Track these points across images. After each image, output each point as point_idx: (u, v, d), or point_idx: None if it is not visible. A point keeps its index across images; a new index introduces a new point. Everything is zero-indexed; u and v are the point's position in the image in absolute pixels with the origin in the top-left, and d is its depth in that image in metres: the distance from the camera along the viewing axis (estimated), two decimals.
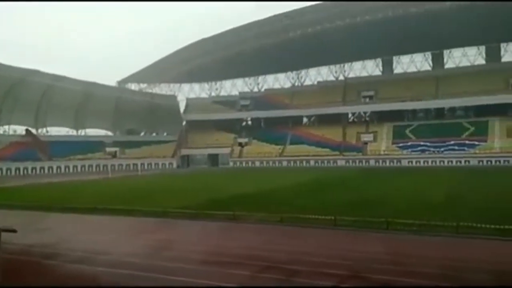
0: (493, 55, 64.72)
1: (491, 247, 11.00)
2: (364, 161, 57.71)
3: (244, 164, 64.91)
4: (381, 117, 64.93)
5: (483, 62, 65.40)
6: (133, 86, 77.91)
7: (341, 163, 58.40)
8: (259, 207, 17.82)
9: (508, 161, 49.22)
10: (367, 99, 68.26)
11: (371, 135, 62.94)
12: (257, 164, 63.53)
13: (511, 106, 56.27)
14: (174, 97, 79.93)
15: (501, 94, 55.95)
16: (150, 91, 79.09)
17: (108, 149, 66.71)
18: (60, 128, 69.20)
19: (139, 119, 75.21)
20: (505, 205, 17.08)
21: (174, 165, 66.57)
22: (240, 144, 69.62)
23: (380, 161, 56.80)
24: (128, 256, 10.83)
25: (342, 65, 74.57)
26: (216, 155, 70.69)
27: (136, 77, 74.08)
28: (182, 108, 79.43)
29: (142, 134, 79.46)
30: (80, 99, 66.00)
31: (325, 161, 59.46)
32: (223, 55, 63.85)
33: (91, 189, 31.38)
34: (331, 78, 75.97)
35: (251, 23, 57.79)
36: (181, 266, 9.76)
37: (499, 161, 49.77)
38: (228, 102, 77.39)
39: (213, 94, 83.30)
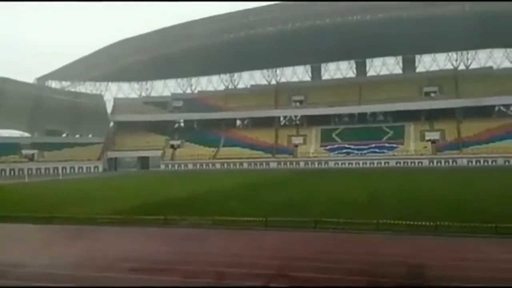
0: (409, 65, 71.06)
1: (407, 242, 12.03)
2: (294, 163, 59.79)
3: (176, 167, 63.62)
4: (310, 120, 67.83)
5: (400, 71, 71.48)
6: (54, 84, 72.33)
7: (273, 165, 59.85)
8: (192, 210, 17.60)
9: (421, 163, 54.39)
10: (298, 104, 70.89)
11: (301, 138, 65.47)
12: (190, 167, 62.66)
13: (424, 112, 62.14)
14: (100, 97, 75.84)
15: (415, 101, 61.69)
16: (73, 89, 74.07)
17: (24, 152, 61.22)
18: None
19: (61, 120, 70.10)
20: (417, 203, 18.80)
21: (100, 169, 63.06)
22: (172, 147, 68.10)
23: (309, 163, 59.27)
24: (49, 267, 10.03)
25: (274, 70, 76.62)
26: (147, 158, 68.39)
27: (57, 75, 68.83)
28: (109, 109, 75.67)
29: (64, 135, 74.10)
30: None
31: (258, 164, 60.54)
32: (154, 54, 62.10)
33: (2, 195, 28.49)
34: (264, 82, 77.69)
35: (182, 23, 57.14)
36: (108, 275, 9.29)
37: (414, 163, 54.79)
38: (160, 103, 75.35)
39: (143, 94, 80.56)
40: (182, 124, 77.99)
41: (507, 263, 9.74)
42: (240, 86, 79.01)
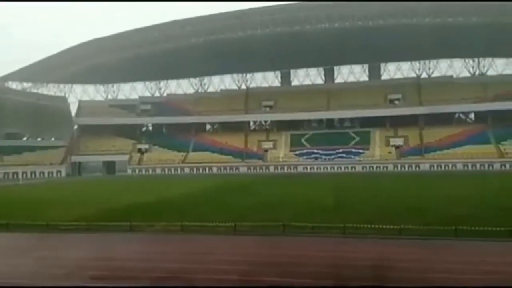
0: (374, 73, 73.24)
1: (372, 245, 12.32)
2: (264, 168, 59.99)
3: (144, 172, 62.24)
4: (280, 126, 68.42)
5: (367, 79, 73.57)
6: (15, 85, 69.10)
7: (243, 170, 59.78)
8: (159, 216, 17.28)
9: (386, 167, 56.07)
10: (268, 109, 71.34)
11: (271, 143, 65.85)
12: (158, 171, 61.49)
13: (388, 119, 64.15)
14: (64, 99, 73.22)
15: (380, 108, 63.63)
16: (36, 91, 71.07)
17: None
18: None
19: (21, 122, 66.78)
20: (382, 207, 19.32)
21: (63, 173, 60.68)
22: (139, 151, 66.60)
23: (279, 167, 59.66)
24: (4, 278, 9.51)
25: (244, 74, 76.79)
26: (113, 162, 66.47)
27: (18, 75, 65.76)
28: (74, 111, 73.16)
29: (25, 138, 70.82)
30: None
31: (228, 168, 60.27)
32: (121, 56, 60.60)
33: None
34: (234, 86, 77.69)
35: (151, 26, 56.33)
36: (67, 285, 8.92)
37: (379, 167, 56.36)
38: (127, 106, 73.60)
39: (109, 97, 78.36)
40: (150, 128, 76.46)
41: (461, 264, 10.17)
42: (210, 90, 78.59)
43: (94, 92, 77.90)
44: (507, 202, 19.38)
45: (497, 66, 67.70)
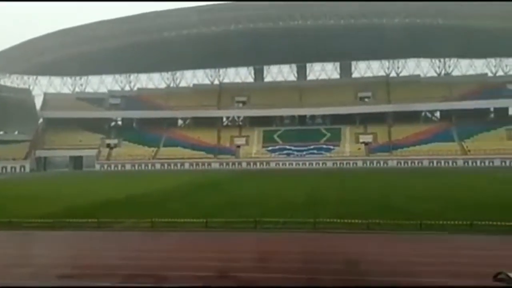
0: (345, 71, 74.57)
1: (341, 239, 12.59)
2: (237, 164, 59.97)
3: (113, 167, 60.78)
4: (253, 122, 68.52)
5: (338, 76, 74.81)
6: None
7: (215, 166, 59.51)
8: (129, 212, 16.92)
9: (356, 163, 57.36)
10: (240, 104, 71.23)
11: (244, 139, 65.86)
12: (128, 167, 60.22)
13: (358, 116, 65.58)
14: (28, 91, 70.31)
15: (351, 105, 64.94)
16: None
17: None
18: None
19: None
20: (351, 202, 19.78)
21: (27, 169, 58.36)
22: (108, 146, 64.93)
23: (252, 163, 59.81)
24: None
25: (217, 70, 76.21)
26: (80, 158, 64.57)
27: None
28: (39, 104, 70.29)
29: None
30: None
31: (200, 164, 59.83)
32: (89, 49, 58.71)
33: None
34: (207, 81, 77.00)
35: (121, 18, 54.96)
36: (34, 284, 8.60)
37: (349, 163, 57.58)
38: (96, 100, 71.54)
39: (77, 90, 75.78)
40: (119, 123, 74.66)
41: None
42: (183, 84, 77.53)
43: (60, 85, 75.22)
44: (466, 199, 20.29)
45: (462, 67, 70.61)
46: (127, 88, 77.09)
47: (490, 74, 68.04)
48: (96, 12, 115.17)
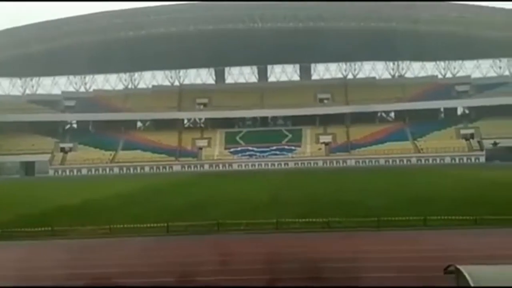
0: (305, 73, 75.90)
1: (303, 239, 12.78)
2: (199, 166, 59.35)
3: (68, 173, 58.18)
4: (215, 123, 68.10)
5: (298, 78, 76.04)
6: None
7: (177, 168, 58.53)
8: (86, 219, 16.22)
9: (316, 163, 58.57)
10: (202, 106, 70.57)
11: (206, 140, 65.29)
12: (84, 172, 57.87)
13: (318, 117, 66.99)
14: None
15: (311, 107, 66.25)
16: None
17: None
18: None
19: None
20: (312, 202, 20.16)
21: None
22: (62, 150, 62.07)
23: (214, 165, 59.42)
24: None
25: (177, 71, 75.01)
26: (32, 163, 61.23)
27: None
28: None
29: None
30: None
31: (161, 167, 58.61)
32: (40, 48, 55.84)
33: None
34: (167, 83, 75.58)
35: (75, 16, 52.87)
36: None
37: (310, 164, 58.72)
38: (48, 102, 68.11)
39: (28, 91, 71.78)
40: (74, 125, 71.59)
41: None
42: (141, 86, 75.50)
43: (9, 86, 70.89)
44: (416, 195, 21.38)
45: (414, 69, 74.06)
46: (82, 89, 74.05)
47: (440, 76, 71.91)
48: (47, 11, 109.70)
